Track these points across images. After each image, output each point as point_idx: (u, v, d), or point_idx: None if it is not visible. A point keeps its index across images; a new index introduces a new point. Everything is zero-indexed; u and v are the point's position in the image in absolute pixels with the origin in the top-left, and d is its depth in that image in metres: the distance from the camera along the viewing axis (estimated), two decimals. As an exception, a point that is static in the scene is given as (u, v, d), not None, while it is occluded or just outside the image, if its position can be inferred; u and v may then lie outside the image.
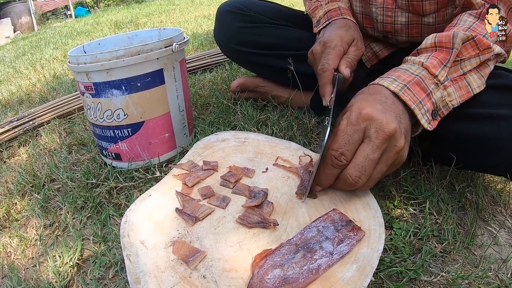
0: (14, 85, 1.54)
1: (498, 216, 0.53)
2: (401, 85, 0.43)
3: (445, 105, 0.45)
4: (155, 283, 0.34)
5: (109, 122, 0.59)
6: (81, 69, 0.55)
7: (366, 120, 0.40)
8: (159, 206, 0.44)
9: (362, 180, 0.41)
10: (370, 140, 0.40)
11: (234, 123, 0.75)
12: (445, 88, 0.44)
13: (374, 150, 0.40)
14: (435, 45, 0.46)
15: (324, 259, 0.35)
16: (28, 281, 0.46)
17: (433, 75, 0.44)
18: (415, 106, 0.42)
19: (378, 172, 0.41)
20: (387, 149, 0.41)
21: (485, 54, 0.45)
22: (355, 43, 0.59)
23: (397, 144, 0.40)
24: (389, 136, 0.40)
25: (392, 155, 0.41)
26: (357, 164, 0.40)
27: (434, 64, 0.44)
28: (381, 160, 0.41)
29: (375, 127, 0.40)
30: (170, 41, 0.59)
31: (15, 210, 0.60)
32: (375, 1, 0.64)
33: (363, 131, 0.41)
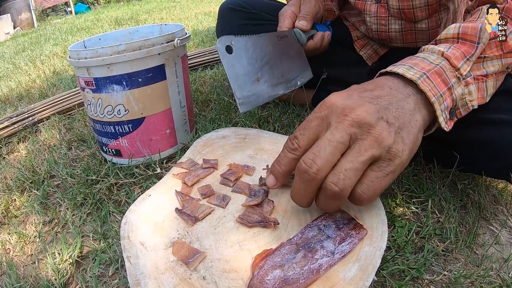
0: (14, 81, 1.54)
1: (500, 216, 0.53)
2: (419, 73, 0.37)
3: (464, 104, 0.40)
4: (155, 285, 0.33)
5: (110, 118, 0.58)
6: (81, 64, 0.55)
7: (328, 107, 0.35)
8: (158, 207, 0.44)
9: (316, 165, 0.32)
10: (330, 125, 0.34)
11: (235, 120, 0.75)
12: (467, 84, 0.40)
13: (333, 132, 0.33)
14: (458, 36, 0.41)
15: (325, 258, 0.35)
16: (27, 278, 0.45)
17: (454, 68, 0.39)
18: (435, 99, 0.36)
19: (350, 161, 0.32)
20: (357, 136, 0.33)
21: (507, 57, 0.43)
22: (303, 2, 0.64)
23: (371, 130, 0.32)
24: (354, 120, 0.33)
25: (367, 143, 0.32)
26: (312, 148, 0.34)
27: (456, 56, 0.39)
28: (351, 148, 0.33)
29: (337, 112, 0.34)
30: (172, 37, 0.58)
31: (14, 207, 0.60)
32: (369, 11, 0.65)
33: (324, 118, 0.35)
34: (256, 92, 0.52)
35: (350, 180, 0.32)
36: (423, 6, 0.58)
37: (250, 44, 0.52)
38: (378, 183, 0.33)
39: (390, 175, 0.33)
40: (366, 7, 0.65)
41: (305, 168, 0.33)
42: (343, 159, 0.33)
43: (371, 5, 0.64)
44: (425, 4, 0.58)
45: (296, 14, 0.63)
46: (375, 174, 0.33)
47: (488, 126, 0.46)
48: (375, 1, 0.64)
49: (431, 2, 0.58)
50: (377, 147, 0.32)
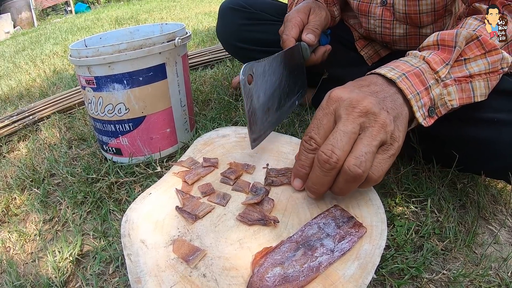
0: (14, 80, 1.54)
1: (499, 215, 0.53)
2: (399, 73, 0.41)
3: (444, 104, 0.43)
4: (156, 282, 0.34)
5: (110, 116, 0.58)
6: (82, 63, 0.55)
7: (335, 101, 0.38)
8: (159, 205, 0.44)
9: (336, 155, 0.36)
10: (341, 118, 0.37)
11: (235, 119, 0.75)
12: (446, 86, 0.43)
13: (345, 124, 0.37)
14: (437, 43, 0.45)
15: (325, 256, 0.35)
16: (27, 276, 0.45)
17: (433, 71, 0.42)
18: (412, 96, 0.40)
19: (366, 146, 0.36)
20: (366, 124, 0.37)
21: (492, 55, 0.43)
22: (312, 12, 0.61)
23: (377, 118, 0.36)
24: (362, 111, 0.37)
25: (376, 130, 0.36)
26: (329, 139, 0.37)
27: (436, 61, 0.43)
28: (364, 135, 0.37)
29: (345, 105, 0.37)
30: (172, 36, 0.58)
31: (14, 205, 0.60)
32: (374, 14, 0.65)
33: (333, 113, 0.38)
34: (265, 124, 0.50)
35: (370, 162, 0.36)
36: (429, 11, 0.58)
37: (267, 69, 0.49)
38: (384, 164, 0.37)
39: (392, 157, 0.38)
40: (370, 9, 0.65)
41: (325, 159, 0.36)
42: (360, 145, 0.36)
43: (376, 8, 0.64)
44: (431, 10, 0.58)
45: (304, 22, 0.60)
46: (382, 157, 0.37)
47: (487, 126, 0.46)
48: (380, 4, 0.63)
49: (438, 7, 0.58)
50: (384, 132, 0.37)
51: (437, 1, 0.56)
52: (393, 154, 0.38)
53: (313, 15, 0.61)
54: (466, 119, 0.47)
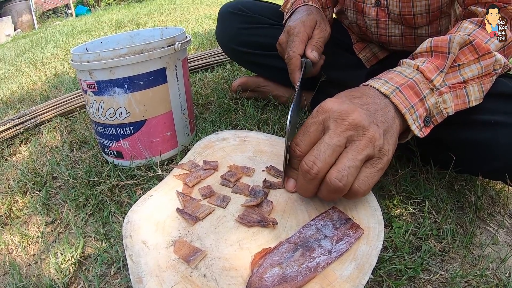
0: (15, 83, 1.54)
1: (497, 216, 0.53)
2: (393, 87, 0.41)
3: (439, 112, 0.43)
4: (157, 282, 0.34)
5: (112, 120, 0.59)
6: (84, 67, 0.56)
7: (325, 111, 0.38)
8: (160, 207, 0.45)
9: (317, 166, 0.36)
10: (329, 129, 0.38)
11: (235, 122, 0.76)
12: (441, 94, 0.42)
13: (331, 136, 0.37)
14: (431, 49, 0.45)
15: (323, 257, 0.36)
16: (30, 278, 0.46)
17: (428, 80, 0.42)
18: (406, 110, 0.40)
19: (351, 160, 0.36)
20: (354, 137, 0.37)
21: (485, 59, 0.44)
22: (318, 26, 0.60)
23: (366, 132, 0.37)
24: (350, 124, 0.37)
25: (363, 144, 0.36)
26: (313, 150, 0.38)
27: (430, 69, 0.43)
28: (350, 148, 0.37)
29: (334, 117, 0.38)
30: (172, 40, 0.59)
31: (16, 208, 0.61)
32: (369, 14, 0.65)
33: (322, 123, 0.39)
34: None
35: (352, 176, 0.36)
36: (424, 12, 0.59)
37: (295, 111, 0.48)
38: (372, 178, 0.38)
39: (380, 171, 0.38)
40: (365, 10, 0.65)
41: (306, 169, 0.37)
42: (344, 158, 0.36)
43: (370, 8, 0.64)
44: (426, 11, 0.58)
45: (309, 37, 0.59)
46: (369, 171, 0.37)
47: (484, 128, 0.46)
48: (374, 5, 0.64)
49: (432, 9, 0.58)
50: (371, 146, 0.37)
51: (432, 2, 0.57)
52: (381, 168, 0.38)
53: (319, 30, 0.60)
54: (463, 121, 0.47)
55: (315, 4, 0.66)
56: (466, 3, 0.51)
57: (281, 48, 0.63)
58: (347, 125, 0.37)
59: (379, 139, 0.37)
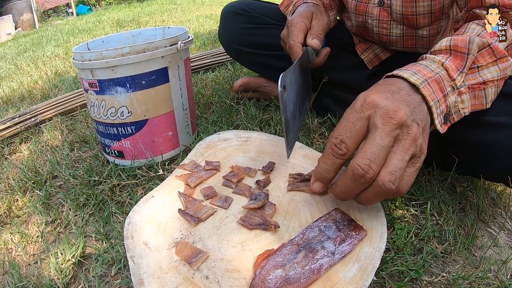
0: (16, 82, 1.54)
1: (498, 218, 0.53)
2: (422, 79, 0.40)
3: (457, 111, 0.43)
4: (159, 284, 0.34)
5: (113, 119, 0.59)
6: (85, 66, 0.56)
7: (371, 107, 0.37)
8: (162, 207, 0.44)
9: (373, 170, 0.35)
10: (377, 128, 0.36)
11: (237, 123, 0.76)
12: (460, 94, 0.43)
13: (383, 137, 0.36)
14: (450, 48, 0.45)
15: (326, 259, 0.35)
16: (30, 277, 0.46)
17: (451, 78, 0.42)
18: (433, 103, 0.40)
19: (400, 161, 0.35)
20: (399, 137, 0.36)
21: (503, 62, 0.44)
22: (315, 17, 0.62)
23: (410, 131, 0.36)
24: (398, 123, 0.36)
25: (408, 143, 0.36)
26: (364, 151, 0.36)
27: (452, 68, 0.43)
28: (397, 149, 0.36)
29: (381, 114, 0.36)
30: (175, 40, 0.59)
31: (16, 207, 0.61)
32: (371, 14, 0.65)
33: (367, 119, 0.37)
34: (293, 132, 0.50)
35: (401, 177, 0.36)
36: (426, 13, 0.59)
37: (293, 78, 0.49)
38: (413, 177, 0.38)
39: (418, 169, 0.38)
40: (368, 10, 0.66)
41: (361, 173, 0.35)
42: (394, 159, 0.36)
43: (373, 8, 0.65)
44: (428, 11, 0.59)
45: (307, 27, 0.61)
46: (410, 170, 0.37)
47: (487, 129, 0.46)
48: (378, 4, 0.64)
49: (435, 10, 0.58)
50: (414, 146, 0.37)
51: (434, 3, 0.57)
52: (419, 166, 0.38)
53: (316, 20, 0.62)
54: (466, 122, 0.47)
55: (314, 1, 0.67)
56: (469, 6, 0.51)
57: (283, 43, 0.63)
58: (395, 124, 0.36)
59: (419, 137, 0.37)
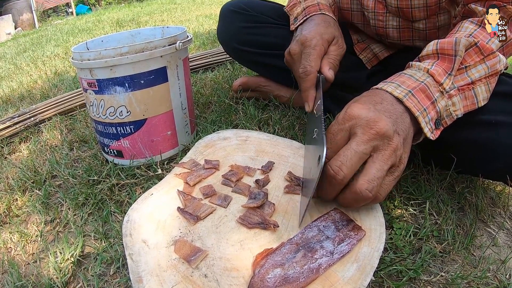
0: (15, 82, 1.54)
1: (497, 218, 0.53)
2: (405, 91, 0.42)
3: (449, 114, 0.44)
4: (157, 282, 0.34)
5: (112, 119, 0.59)
6: (84, 66, 0.56)
7: (352, 118, 0.39)
8: (161, 205, 0.44)
9: (343, 172, 0.37)
10: (356, 136, 0.38)
11: (236, 122, 0.76)
12: (450, 97, 0.43)
13: (359, 143, 0.37)
14: (437, 51, 0.45)
15: (325, 258, 0.35)
16: (29, 276, 0.46)
17: (438, 83, 0.43)
18: (419, 113, 0.41)
19: (379, 170, 0.37)
20: (380, 147, 0.38)
21: (490, 59, 0.44)
22: (335, 42, 0.57)
23: (391, 142, 0.38)
24: (378, 133, 0.38)
25: (388, 153, 0.38)
26: (338, 154, 0.38)
27: (439, 72, 0.43)
28: (376, 158, 0.38)
29: (361, 125, 0.38)
30: (174, 39, 0.59)
31: (15, 206, 0.60)
32: (367, 6, 0.65)
33: (348, 130, 0.39)
34: None
35: (379, 186, 0.38)
36: (421, 6, 0.59)
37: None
38: (390, 185, 0.40)
39: (397, 178, 0.40)
40: (363, 2, 0.65)
41: (332, 174, 0.38)
42: (373, 168, 0.38)
43: (369, 1, 0.64)
44: (423, 5, 0.58)
45: (325, 51, 0.56)
46: (388, 178, 0.39)
47: (485, 128, 0.46)
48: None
49: (430, 3, 0.58)
50: (394, 156, 0.38)
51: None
52: (398, 175, 0.40)
53: (336, 46, 0.57)
54: (464, 121, 0.47)
55: (331, 14, 0.62)
56: (466, 0, 0.51)
57: (291, 59, 0.58)
58: (374, 134, 0.38)
59: (400, 148, 0.38)
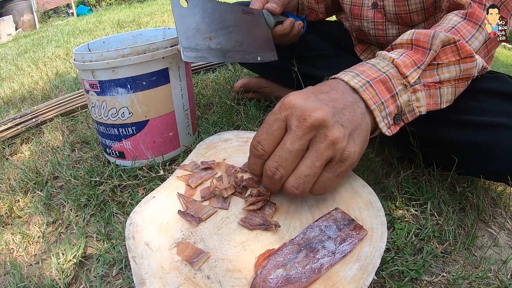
0: (16, 83, 1.54)
1: (498, 218, 0.53)
2: (363, 81, 0.38)
3: (411, 110, 0.41)
4: (160, 284, 0.34)
5: (114, 120, 0.59)
6: (86, 67, 0.56)
7: (288, 108, 0.36)
8: (163, 208, 0.45)
9: (280, 173, 0.36)
10: (291, 130, 0.35)
11: (237, 123, 0.76)
12: (415, 91, 0.40)
13: (294, 141, 0.35)
14: (411, 42, 0.42)
15: (327, 258, 0.36)
16: (31, 277, 0.46)
17: (402, 75, 0.40)
18: (375, 106, 0.38)
19: (309, 167, 0.35)
20: (314, 140, 0.35)
21: (466, 63, 0.41)
22: None
23: (328, 134, 0.34)
24: (313, 125, 0.34)
25: (324, 147, 0.35)
26: (274, 154, 0.36)
27: (406, 63, 0.40)
28: (309, 153, 0.36)
29: (297, 115, 0.35)
30: (176, 41, 0.59)
31: (17, 207, 0.61)
32: (366, 17, 0.66)
33: (284, 120, 0.36)
34: (206, 48, 0.53)
35: (309, 184, 0.36)
36: (419, 10, 0.59)
37: (209, 6, 0.54)
38: (330, 182, 0.37)
39: (341, 175, 0.37)
40: (363, 13, 0.66)
41: (269, 175, 0.37)
42: (302, 166, 0.36)
43: (368, 11, 0.65)
44: (421, 8, 0.59)
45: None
46: (327, 175, 0.37)
47: (486, 130, 0.46)
48: (372, 7, 0.64)
49: (427, 5, 0.58)
50: (332, 149, 0.35)
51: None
52: (342, 171, 0.37)
53: None
54: (465, 123, 0.48)
55: None
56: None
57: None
58: (309, 126, 0.35)
59: (342, 141, 0.35)
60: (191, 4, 0.52)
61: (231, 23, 0.57)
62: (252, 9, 0.61)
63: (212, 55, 0.54)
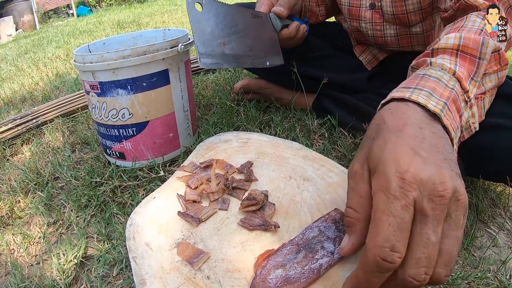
0: (17, 83, 1.55)
1: (498, 218, 0.54)
2: (441, 104, 0.32)
3: (468, 127, 0.37)
4: (161, 284, 0.34)
5: (114, 121, 0.59)
6: (87, 68, 0.56)
7: (415, 187, 0.27)
8: (163, 209, 0.45)
9: (428, 276, 0.26)
10: (427, 216, 0.26)
11: (237, 124, 0.76)
12: (471, 107, 0.36)
13: (436, 228, 0.26)
14: (458, 48, 0.37)
15: (326, 258, 0.36)
16: (32, 278, 0.46)
17: (464, 90, 0.35)
18: (454, 134, 0.32)
19: (453, 245, 0.27)
20: (450, 213, 0.27)
21: (503, 70, 0.40)
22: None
23: (459, 197, 0.27)
24: (449, 199, 0.26)
25: (462, 214, 0.27)
26: (418, 258, 0.26)
27: (465, 76, 0.35)
28: (449, 229, 0.27)
29: (428, 194, 0.26)
30: (176, 42, 0.59)
31: (18, 208, 0.61)
32: (364, 17, 0.66)
33: (413, 204, 0.27)
34: (220, 54, 0.54)
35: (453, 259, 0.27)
36: (416, 10, 0.60)
37: (221, 10, 0.55)
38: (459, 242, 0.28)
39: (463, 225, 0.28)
40: (360, 14, 0.66)
41: (416, 284, 0.26)
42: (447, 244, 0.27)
43: (366, 11, 0.65)
44: (418, 8, 0.59)
45: (273, 1, 0.63)
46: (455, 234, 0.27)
47: (485, 130, 0.46)
48: (369, 7, 0.65)
49: (424, 6, 0.59)
50: (466, 214, 0.28)
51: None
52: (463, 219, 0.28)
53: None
54: None
55: None
56: None
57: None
58: (446, 203, 0.26)
59: (466, 198, 0.28)
60: (206, 9, 0.52)
61: (242, 27, 0.58)
62: (259, 13, 0.61)
63: (226, 61, 0.54)
